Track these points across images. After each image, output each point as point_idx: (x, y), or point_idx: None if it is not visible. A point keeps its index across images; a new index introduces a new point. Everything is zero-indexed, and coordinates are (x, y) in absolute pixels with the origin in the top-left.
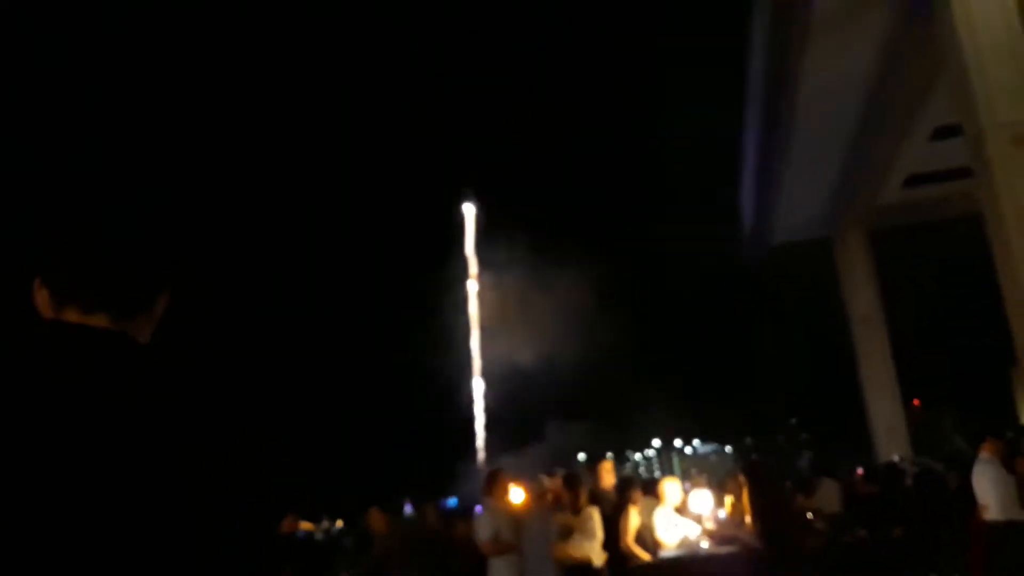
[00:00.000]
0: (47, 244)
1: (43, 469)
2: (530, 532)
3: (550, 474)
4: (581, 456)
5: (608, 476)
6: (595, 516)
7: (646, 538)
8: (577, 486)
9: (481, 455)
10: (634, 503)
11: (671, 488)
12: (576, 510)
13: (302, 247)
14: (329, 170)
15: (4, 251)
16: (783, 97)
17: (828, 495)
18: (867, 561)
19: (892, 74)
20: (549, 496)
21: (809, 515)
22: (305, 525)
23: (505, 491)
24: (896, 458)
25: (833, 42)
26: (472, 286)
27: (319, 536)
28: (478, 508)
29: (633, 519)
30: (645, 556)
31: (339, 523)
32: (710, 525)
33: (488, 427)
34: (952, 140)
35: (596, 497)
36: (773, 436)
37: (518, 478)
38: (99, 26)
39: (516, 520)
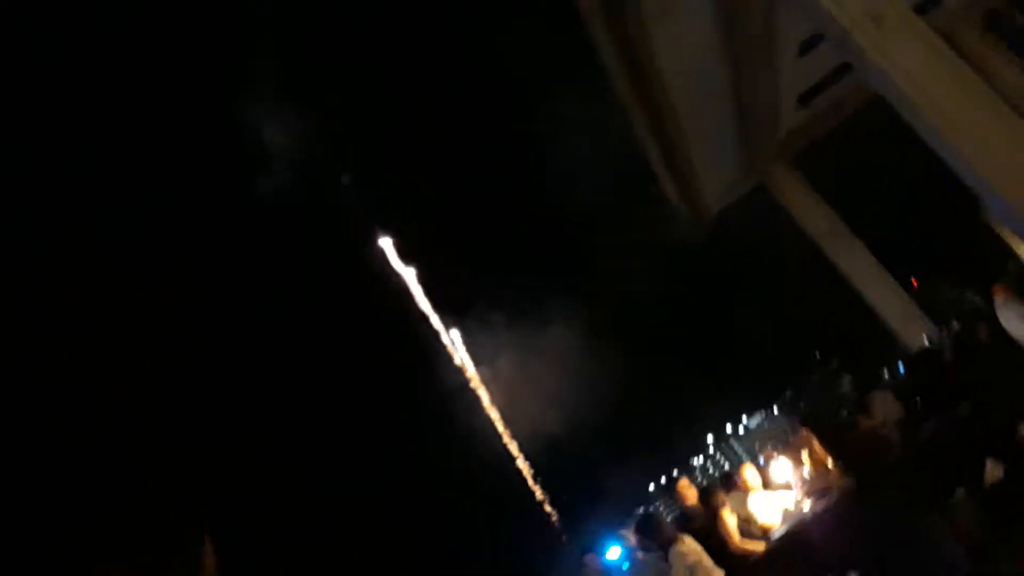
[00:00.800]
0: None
1: None
2: None
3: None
4: (651, 487)
5: (690, 492)
6: (695, 549)
7: (752, 530)
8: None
9: (563, 535)
10: (723, 505)
11: (750, 473)
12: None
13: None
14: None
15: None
16: (647, 83)
17: (885, 406)
18: (952, 448)
19: (736, 13)
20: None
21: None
22: None
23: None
24: (925, 341)
25: (669, 11)
26: (469, 377)
27: None
28: None
29: (730, 520)
30: (759, 546)
31: None
32: (801, 487)
33: (552, 503)
34: (819, 47)
35: (686, 518)
36: (807, 378)
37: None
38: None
39: None
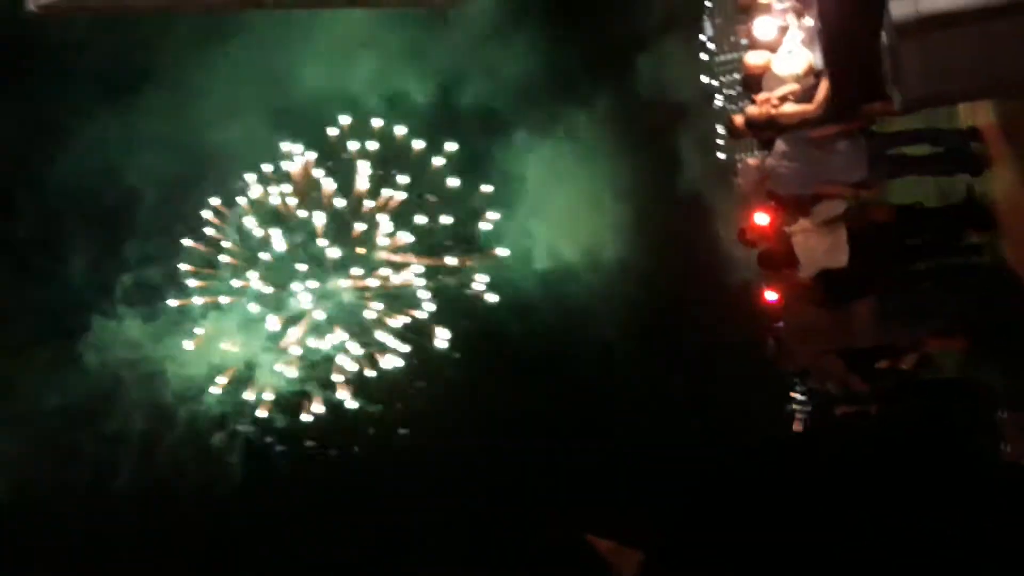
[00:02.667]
0: None
1: None
2: None
3: None
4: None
5: (737, 121)
6: None
7: (805, 82)
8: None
9: None
10: (767, 102)
11: (751, 58)
12: None
13: None
14: None
15: None
16: None
17: None
18: None
19: None
20: None
21: None
22: None
23: None
24: None
25: None
26: None
27: None
28: None
29: (789, 108)
30: (823, 88)
31: None
32: (791, 16)
33: None
34: None
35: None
36: None
37: None
38: None
39: None
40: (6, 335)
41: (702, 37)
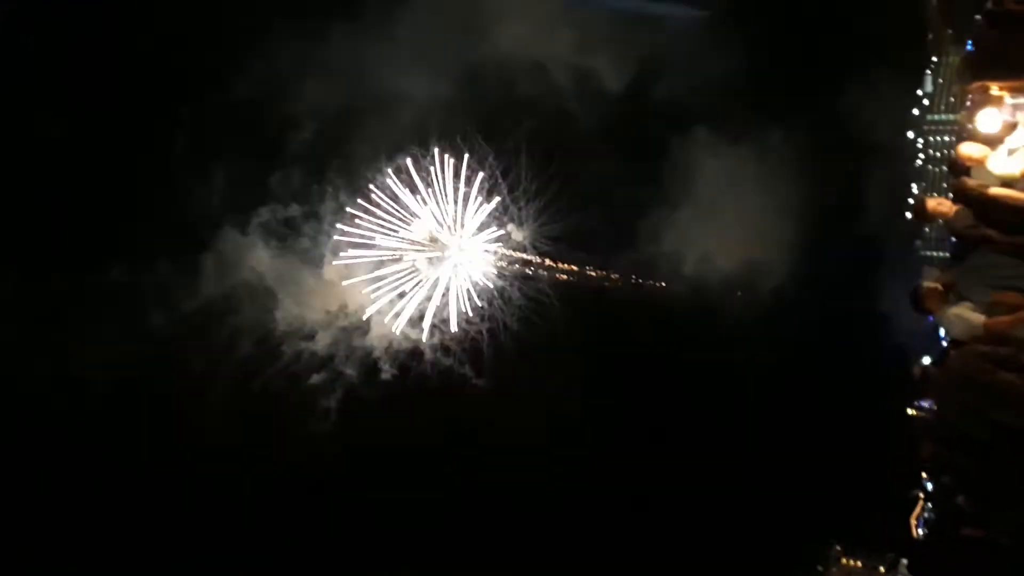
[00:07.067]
0: None
1: None
2: None
3: None
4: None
5: (941, 206)
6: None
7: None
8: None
9: None
10: (983, 187)
11: (966, 148)
12: None
13: None
14: None
15: None
16: None
17: None
18: None
19: None
20: None
21: None
22: None
23: None
24: None
25: None
26: None
27: None
28: None
29: (1004, 192)
30: None
31: None
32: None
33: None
34: None
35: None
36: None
37: None
38: None
39: None
40: (134, 241)
41: (919, 92)
